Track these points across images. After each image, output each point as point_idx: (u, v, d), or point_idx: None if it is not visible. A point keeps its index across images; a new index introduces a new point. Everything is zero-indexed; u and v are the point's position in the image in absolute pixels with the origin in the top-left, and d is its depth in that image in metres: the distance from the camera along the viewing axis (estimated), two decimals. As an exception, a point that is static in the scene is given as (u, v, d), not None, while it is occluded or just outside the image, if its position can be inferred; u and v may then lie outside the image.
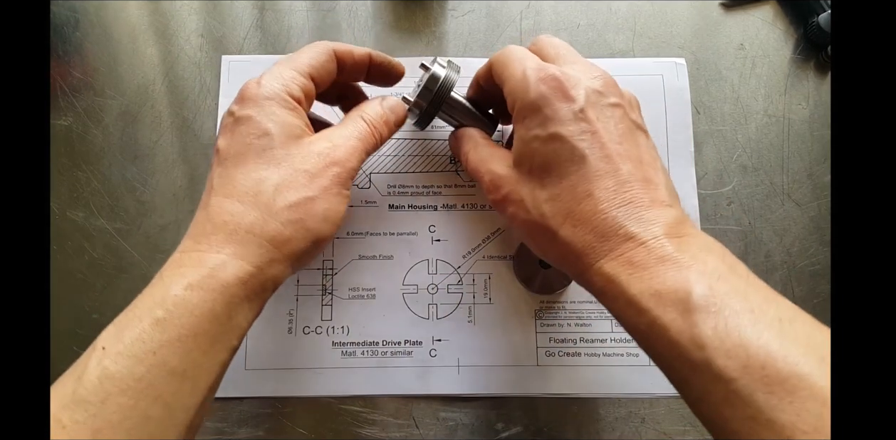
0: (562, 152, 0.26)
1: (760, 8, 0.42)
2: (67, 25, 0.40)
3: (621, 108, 0.27)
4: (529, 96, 0.27)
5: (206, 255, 0.25)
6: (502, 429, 0.35)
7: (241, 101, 0.29)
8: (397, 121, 0.32)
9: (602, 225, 0.25)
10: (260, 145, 0.27)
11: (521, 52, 0.30)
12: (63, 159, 0.38)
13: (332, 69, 0.31)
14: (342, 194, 0.28)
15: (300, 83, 0.29)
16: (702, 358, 0.21)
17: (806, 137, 0.40)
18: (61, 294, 0.36)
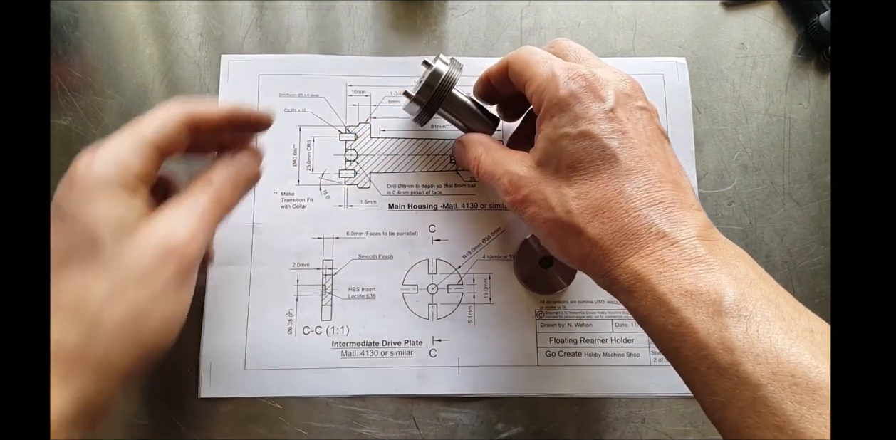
0: (592, 150, 0.26)
1: (761, 7, 0.42)
2: (67, 25, 0.40)
3: (648, 113, 0.28)
4: (559, 94, 0.27)
5: None
6: (502, 429, 0.35)
7: (68, 187, 0.24)
8: (249, 181, 0.29)
9: (633, 222, 0.25)
10: (85, 247, 0.23)
11: (544, 52, 0.30)
12: (63, 159, 0.38)
13: (182, 137, 0.27)
14: (184, 289, 0.25)
15: (141, 158, 0.25)
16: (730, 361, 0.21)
17: (807, 137, 0.40)
18: (61, 294, 0.36)
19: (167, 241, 0.24)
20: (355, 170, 0.38)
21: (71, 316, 0.23)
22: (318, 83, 0.39)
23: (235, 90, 0.39)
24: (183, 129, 0.26)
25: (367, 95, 0.39)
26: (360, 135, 0.39)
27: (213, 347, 0.35)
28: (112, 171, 0.24)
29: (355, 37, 0.41)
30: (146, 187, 0.25)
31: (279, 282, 0.36)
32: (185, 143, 0.27)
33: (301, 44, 0.40)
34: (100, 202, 0.24)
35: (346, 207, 0.38)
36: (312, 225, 0.37)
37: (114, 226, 0.23)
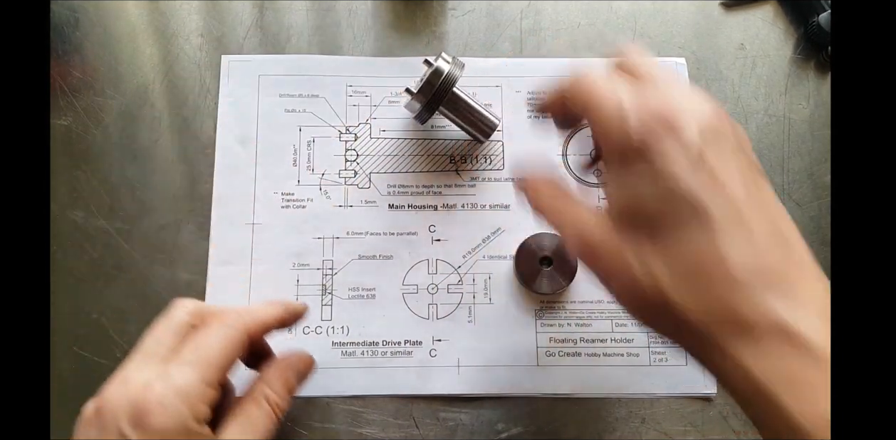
0: (680, 206, 0.21)
1: (761, 8, 0.42)
2: (67, 25, 0.40)
3: (742, 151, 0.22)
4: (632, 139, 0.22)
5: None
6: (502, 429, 0.35)
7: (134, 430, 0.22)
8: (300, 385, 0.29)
9: (740, 301, 0.20)
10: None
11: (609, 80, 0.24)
12: (62, 159, 0.38)
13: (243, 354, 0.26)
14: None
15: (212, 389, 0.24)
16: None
17: (806, 137, 0.40)
18: (61, 294, 0.36)
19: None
20: (355, 170, 0.38)
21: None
22: (318, 83, 0.39)
23: (235, 90, 0.39)
24: (245, 347, 0.26)
25: (367, 96, 0.39)
26: (360, 135, 0.39)
27: (213, 347, 0.35)
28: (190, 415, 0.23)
29: (355, 37, 0.41)
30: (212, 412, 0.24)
31: (279, 282, 0.36)
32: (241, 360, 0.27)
33: (301, 44, 0.40)
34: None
35: (346, 207, 0.38)
36: (312, 225, 0.37)
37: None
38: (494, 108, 0.39)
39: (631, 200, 0.22)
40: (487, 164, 0.39)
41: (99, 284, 0.36)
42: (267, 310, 0.28)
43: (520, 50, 0.41)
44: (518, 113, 0.39)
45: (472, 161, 0.39)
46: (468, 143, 0.39)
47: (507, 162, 0.39)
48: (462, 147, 0.39)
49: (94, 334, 0.36)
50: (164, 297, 0.36)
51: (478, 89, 0.39)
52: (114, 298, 0.36)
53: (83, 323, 0.36)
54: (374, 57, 0.40)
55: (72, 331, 0.36)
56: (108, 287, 0.36)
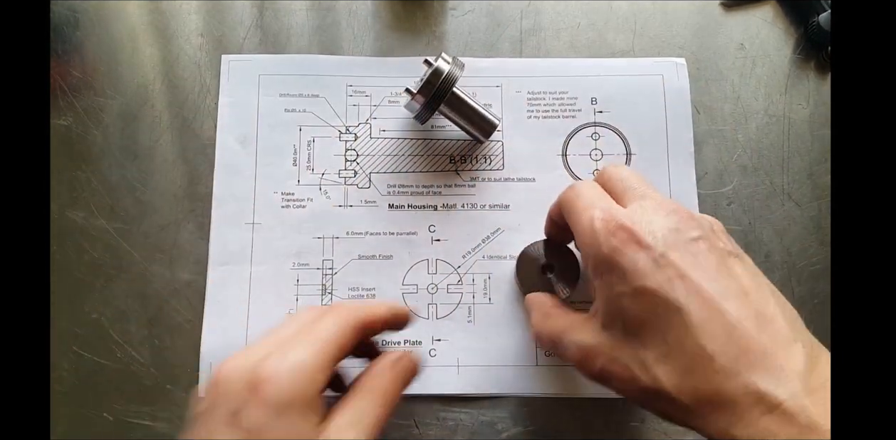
0: (654, 306, 0.23)
1: (761, 8, 0.42)
2: (67, 25, 0.40)
3: (705, 241, 0.24)
4: (602, 251, 0.24)
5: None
6: (502, 429, 0.35)
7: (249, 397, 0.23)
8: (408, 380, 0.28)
9: (726, 384, 0.22)
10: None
11: (588, 193, 0.28)
12: (63, 159, 0.38)
13: (354, 344, 0.27)
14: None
15: (324, 373, 0.25)
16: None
17: (806, 137, 0.40)
18: (61, 294, 0.36)
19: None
20: (355, 170, 0.38)
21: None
22: (318, 83, 0.39)
23: (236, 90, 0.39)
24: (357, 336, 0.27)
25: (367, 95, 0.39)
26: (360, 135, 0.39)
27: (213, 347, 0.35)
28: (301, 389, 0.24)
29: (355, 37, 0.41)
30: (323, 399, 0.25)
31: (279, 282, 0.36)
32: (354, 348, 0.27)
33: (301, 44, 0.40)
34: (289, 420, 0.23)
35: (346, 207, 0.38)
36: (312, 225, 0.37)
37: None
38: (494, 108, 0.39)
39: (613, 307, 0.24)
40: (487, 164, 0.39)
41: (99, 284, 0.36)
42: (376, 308, 0.28)
43: (520, 50, 0.41)
44: (518, 113, 0.39)
45: (472, 161, 0.39)
46: (468, 143, 0.39)
47: (507, 162, 0.39)
48: (462, 147, 0.39)
49: (94, 334, 0.36)
50: (164, 297, 0.36)
51: (478, 89, 0.39)
52: (114, 298, 0.36)
53: (83, 323, 0.36)
54: (374, 57, 0.40)
55: (72, 331, 0.36)
56: (108, 287, 0.36)
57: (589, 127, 0.39)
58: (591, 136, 0.39)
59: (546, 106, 0.39)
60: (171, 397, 0.35)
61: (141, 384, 0.35)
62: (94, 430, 0.34)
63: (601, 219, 0.25)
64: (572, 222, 0.27)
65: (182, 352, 0.35)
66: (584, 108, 0.39)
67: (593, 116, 0.39)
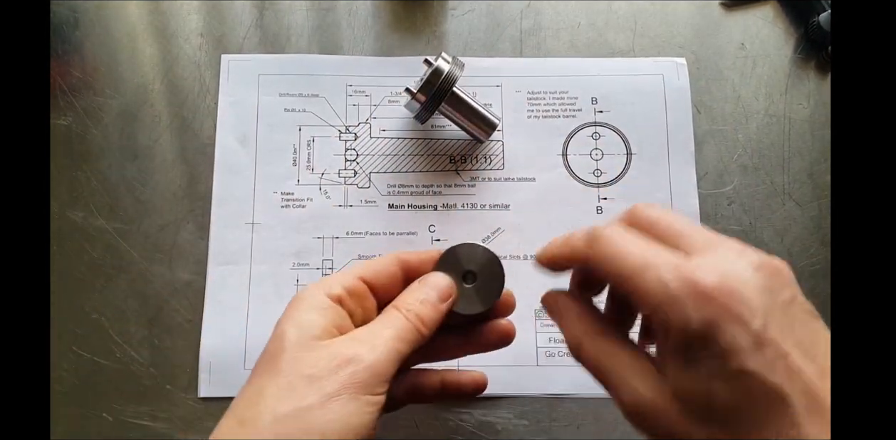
0: (754, 393, 0.20)
1: (761, 7, 0.42)
2: (67, 25, 0.40)
3: (796, 303, 0.21)
4: (690, 324, 0.20)
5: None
6: (502, 429, 0.35)
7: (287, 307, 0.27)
8: (441, 296, 0.27)
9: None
10: (271, 352, 0.25)
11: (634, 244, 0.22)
12: (62, 159, 0.38)
13: (393, 272, 0.28)
14: (359, 400, 0.23)
15: (344, 282, 0.27)
16: None
17: (806, 137, 0.40)
18: (61, 294, 0.36)
19: (343, 351, 0.24)
20: (355, 170, 0.38)
21: (240, 414, 0.23)
22: (318, 83, 0.39)
23: (235, 90, 0.39)
24: (392, 265, 0.28)
25: (367, 95, 0.39)
26: (360, 135, 0.39)
27: (213, 347, 0.35)
28: (315, 289, 0.26)
29: (355, 37, 0.41)
30: (341, 310, 0.27)
31: (279, 282, 0.36)
32: (396, 279, 0.28)
33: (301, 44, 0.40)
34: (297, 311, 0.26)
35: (346, 207, 0.38)
36: (312, 224, 0.37)
37: (302, 331, 0.25)
38: (494, 108, 0.39)
39: (699, 392, 0.21)
40: (487, 163, 0.39)
41: (99, 284, 0.36)
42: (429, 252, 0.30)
43: (520, 50, 0.41)
44: (518, 112, 0.39)
45: (472, 161, 0.39)
46: (468, 143, 0.39)
47: (507, 162, 0.39)
48: (462, 147, 0.39)
49: (94, 334, 0.36)
50: (164, 297, 0.36)
51: (478, 89, 0.39)
52: (114, 298, 0.36)
53: (83, 323, 0.36)
54: (374, 57, 0.40)
55: (72, 331, 0.36)
56: (108, 287, 0.36)
57: (589, 126, 0.39)
58: (592, 135, 0.39)
59: (546, 105, 0.39)
60: (171, 397, 0.35)
61: (141, 384, 0.35)
62: (94, 430, 0.34)
63: (677, 279, 0.20)
64: (628, 286, 0.22)
65: (182, 352, 0.35)
66: (585, 107, 0.39)
67: (593, 116, 0.39)
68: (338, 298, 0.26)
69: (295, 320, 0.26)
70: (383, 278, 0.28)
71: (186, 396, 0.35)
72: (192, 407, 0.35)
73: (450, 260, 0.30)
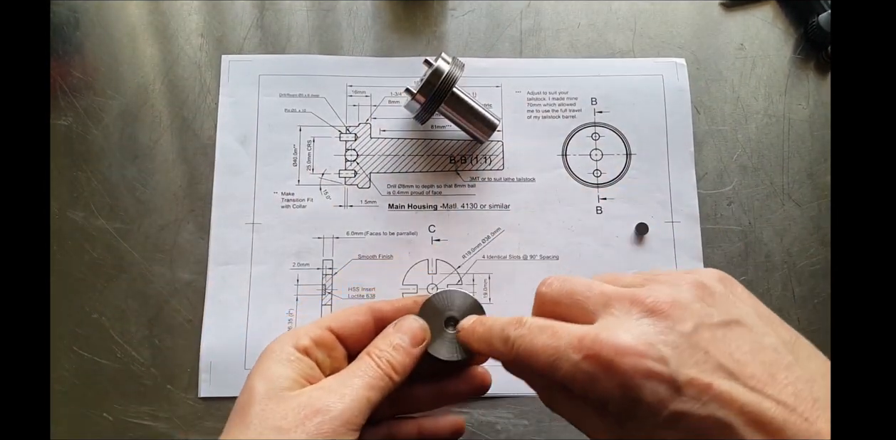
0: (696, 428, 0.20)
1: (760, 8, 0.42)
2: (67, 25, 0.40)
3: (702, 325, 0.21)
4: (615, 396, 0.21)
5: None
6: (502, 429, 0.35)
7: None
8: (414, 341, 0.28)
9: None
10: (241, 405, 0.25)
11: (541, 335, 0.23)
12: (63, 159, 0.38)
13: (363, 322, 0.29)
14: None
15: (312, 333, 0.28)
16: None
17: (806, 137, 0.40)
18: (61, 294, 0.36)
19: (311, 402, 0.24)
20: (355, 170, 0.38)
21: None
22: (318, 83, 0.39)
23: (236, 90, 0.39)
24: (362, 314, 0.29)
25: (367, 96, 0.39)
26: (360, 135, 0.39)
27: (213, 347, 0.35)
28: (284, 341, 0.27)
29: (355, 37, 0.41)
30: (309, 360, 0.27)
31: (279, 282, 0.37)
32: (365, 327, 0.29)
33: (301, 44, 0.40)
34: (266, 364, 0.26)
35: (346, 207, 0.38)
36: (312, 225, 0.37)
37: (270, 384, 0.25)
38: (494, 108, 0.39)
39: None
40: (487, 164, 0.39)
41: (99, 284, 0.36)
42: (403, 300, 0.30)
43: (520, 50, 0.41)
44: (518, 113, 0.39)
45: (471, 161, 0.39)
46: (468, 143, 0.39)
47: (507, 162, 0.39)
48: (462, 147, 0.39)
49: (94, 334, 0.36)
50: (164, 297, 0.36)
51: (478, 89, 0.40)
52: (114, 298, 0.36)
53: (83, 323, 0.36)
54: (374, 57, 0.40)
55: (72, 331, 0.36)
56: (108, 287, 0.36)
57: (589, 127, 0.39)
58: (591, 135, 0.39)
59: (546, 106, 0.40)
60: (171, 397, 0.35)
61: (141, 384, 0.35)
62: (94, 430, 0.34)
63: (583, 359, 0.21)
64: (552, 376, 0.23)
65: (182, 352, 0.35)
66: (584, 108, 0.40)
67: (593, 116, 0.39)
68: (304, 349, 0.27)
69: (263, 373, 0.26)
70: (352, 328, 0.29)
71: (186, 396, 0.35)
72: (192, 407, 0.35)
73: (431, 306, 0.30)
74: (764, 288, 0.37)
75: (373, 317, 0.29)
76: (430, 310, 0.30)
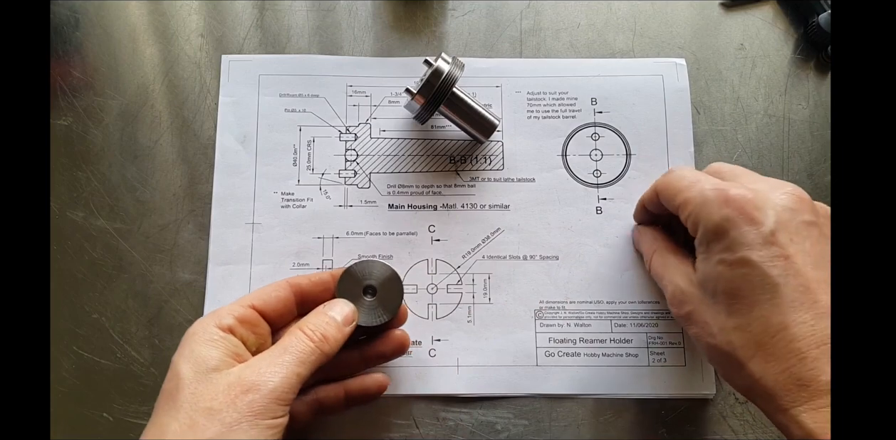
0: (752, 278, 0.24)
1: (760, 8, 0.42)
2: (67, 25, 0.40)
3: (817, 227, 0.26)
4: (713, 219, 0.25)
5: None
6: (502, 429, 0.35)
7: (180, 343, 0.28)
8: (345, 320, 0.29)
9: (799, 367, 0.23)
10: (169, 390, 0.25)
11: (694, 173, 0.29)
12: (63, 159, 0.38)
13: (284, 297, 0.30)
14: (260, 425, 0.24)
15: (234, 312, 0.28)
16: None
17: (806, 137, 0.40)
18: (61, 294, 0.36)
19: (240, 380, 0.25)
20: (355, 170, 0.38)
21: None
22: (318, 83, 0.39)
23: (236, 90, 0.39)
24: (284, 289, 0.30)
25: (367, 95, 0.39)
26: (360, 135, 0.39)
27: (213, 347, 0.35)
28: (206, 322, 0.27)
29: (355, 37, 0.41)
30: (234, 338, 0.27)
31: (279, 282, 0.36)
32: (287, 302, 0.30)
33: (301, 44, 0.40)
34: (190, 346, 0.26)
35: (346, 207, 0.38)
36: (312, 225, 0.37)
37: (196, 366, 0.26)
38: (494, 108, 0.39)
39: (711, 272, 0.26)
40: (487, 164, 0.39)
41: (99, 284, 0.36)
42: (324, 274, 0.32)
43: (520, 50, 0.41)
44: (518, 113, 0.39)
45: (471, 161, 0.39)
46: (468, 143, 0.39)
47: (507, 162, 0.39)
48: (462, 147, 0.39)
49: (94, 334, 0.36)
50: (164, 297, 0.36)
51: (478, 89, 0.40)
52: (114, 298, 0.36)
53: (83, 323, 0.36)
54: (374, 57, 0.40)
55: (72, 331, 0.36)
56: (108, 287, 0.36)
57: (589, 127, 0.39)
58: (591, 136, 0.39)
59: (546, 106, 0.40)
60: (171, 397, 0.35)
61: (141, 384, 0.35)
62: (94, 430, 0.34)
63: (713, 189, 0.26)
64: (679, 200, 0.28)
65: (182, 352, 0.35)
66: (584, 108, 0.40)
67: (593, 116, 0.39)
68: (228, 328, 0.27)
69: (188, 355, 0.26)
70: (274, 304, 0.30)
71: (186, 396, 0.35)
72: (192, 407, 0.35)
73: (349, 277, 0.32)
74: (764, 288, 0.37)
75: (293, 293, 0.30)
76: (349, 280, 0.32)
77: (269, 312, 0.29)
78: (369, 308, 0.31)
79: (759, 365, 0.24)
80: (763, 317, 0.24)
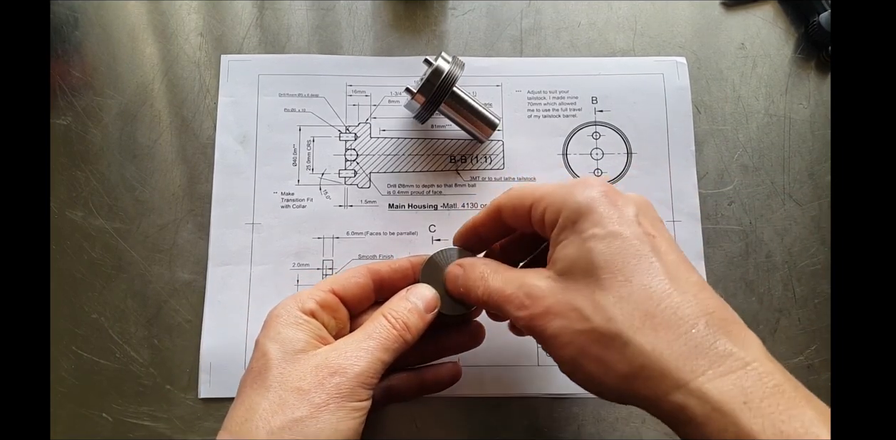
0: (627, 249, 0.23)
1: (761, 7, 0.42)
2: (67, 25, 0.40)
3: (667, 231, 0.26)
4: (577, 200, 0.25)
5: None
6: (502, 429, 0.35)
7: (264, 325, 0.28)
8: (427, 306, 0.29)
9: (693, 333, 0.21)
10: (257, 369, 0.26)
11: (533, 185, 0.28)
12: (62, 159, 0.38)
13: (363, 283, 0.30)
14: (346, 407, 0.25)
15: (316, 296, 0.28)
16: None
17: (807, 137, 0.40)
18: (60, 294, 0.36)
19: (329, 362, 0.26)
20: (355, 170, 0.38)
21: (237, 430, 0.25)
22: (318, 83, 0.39)
23: (235, 90, 0.39)
24: (361, 275, 0.30)
25: (367, 95, 0.39)
26: (360, 135, 0.39)
27: (213, 347, 0.35)
28: (289, 305, 0.28)
29: (355, 37, 0.41)
30: (317, 322, 0.28)
31: (279, 282, 0.36)
32: (365, 288, 0.30)
33: (301, 44, 0.40)
34: (276, 328, 0.27)
35: (346, 207, 0.38)
36: (312, 225, 0.37)
37: (284, 347, 0.26)
38: (494, 108, 0.39)
39: (581, 254, 0.24)
40: (487, 163, 0.39)
41: (98, 284, 0.36)
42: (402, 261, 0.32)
43: (520, 50, 0.41)
44: (518, 112, 0.39)
45: (472, 161, 0.39)
46: (468, 143, 0.39)
47: (508, 161, 0.39)
48: (462, 147, 0.39)
49: (94, 334, 0.36)
50: (163, 297, 0.36)
51: (478, 89, 0.39)
52: (113, 298, 0.36)
53: (82, 323, 0.36)
54: (374, 57, 0.40)
55: (71, 331, 0.36)
56: (107, 287, 0.36)
57: (589, 126, 0.39)
58: (592, 135, 0.39)
59: (546, 105, 0.39)
60: (171, 397, 0.35)
61: (141, 384, 0.35)
62: (93, 430, 0.34)
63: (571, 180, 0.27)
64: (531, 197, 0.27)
65: (181, 352, 0.35)
66: (585, 107, 0.39)
67: (594, 115, 0.39)
68: (311, 312, 0.28)
69: (275, 337, 0.27)
70: (353, 289, 0.30)
71: (186, 397, 0.35)
72: (191, 407, 0.35)
73: (433, 265, 0.31)
74: (765, 287, 0.37)
75: (372, 279, 0.30)
76: (431, 269, 0.31)
77: (349, 298, 0.30)
78: (452, 298, 0.30)
79: (649, 335, 0.22)
80: (645, 284, 0.23)
